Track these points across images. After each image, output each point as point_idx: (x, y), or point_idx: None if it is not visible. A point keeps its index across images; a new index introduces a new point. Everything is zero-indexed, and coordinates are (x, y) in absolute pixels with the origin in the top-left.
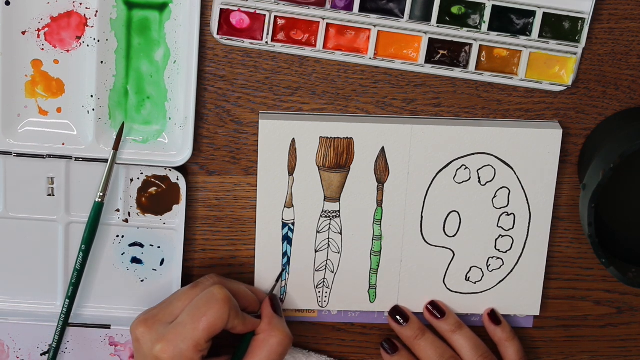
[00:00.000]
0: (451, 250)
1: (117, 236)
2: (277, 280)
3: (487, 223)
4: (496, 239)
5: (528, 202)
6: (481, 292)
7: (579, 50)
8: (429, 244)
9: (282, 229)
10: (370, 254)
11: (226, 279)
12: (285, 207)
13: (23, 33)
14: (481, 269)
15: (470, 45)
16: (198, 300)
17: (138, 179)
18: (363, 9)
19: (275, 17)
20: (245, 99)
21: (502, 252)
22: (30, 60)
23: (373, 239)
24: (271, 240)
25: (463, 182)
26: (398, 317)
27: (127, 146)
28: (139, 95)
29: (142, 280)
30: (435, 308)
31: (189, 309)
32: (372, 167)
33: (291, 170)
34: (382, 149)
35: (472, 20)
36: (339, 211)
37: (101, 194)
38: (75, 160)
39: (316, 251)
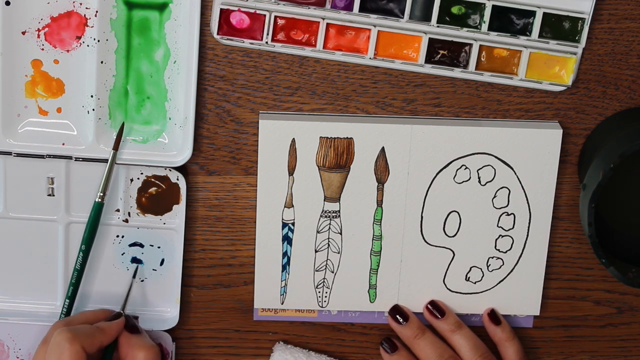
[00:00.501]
0: (451, 250)
1: (117, 236)
2: (126, 298)
3: (487, 223)
4: (496, 239)
5: (528, 202)
6: (481, 292)
7: (579, 50)
8: (429, 244)
9: (282, 229)
10: (370, 254)
11: (68, 318)
12: (285, 207)
13: (23, 33)
14: (481, 269)
15: (470, 45)
16: (49, 355)
17: (138, 179)
18: (363, 9)
19: (275, 17)
20: (245, 99)
21: (502, 252)
22: (30, 60)
23: (373, 239)
24: (271, 240)
25: (463, 182)
26: (398, 316)
27: (127, 146)
28: (139, 95)
29: (142, 281)
30: (435, 308)
31: None
32: (372, 167)
33: (291, 170)
34: (382, 149)
35: (472, 20)
36: (339, 211)
37: (101, 194)
38: (75, 160)
39: (316, 251)
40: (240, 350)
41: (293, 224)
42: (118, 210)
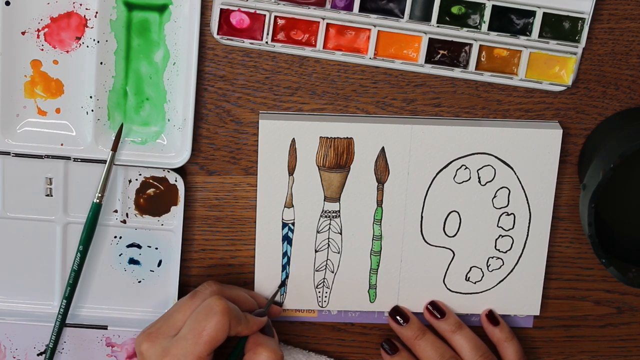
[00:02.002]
0: (451, 250)
1: (115, 237)
2: (278, 289)
3: (487, 223)
4: (496, 239)
5: (528, 202)
6: (481, 292)
7: (579, 50)
8: (429, 244)
9: (282, 229)
10: (370, 254)
11: (225, 286)
12: (285, 207)
13: (23, 33)
14: (481, 269)
15: (470, 45)
16: (197, 313)
17: (136, 180)
18: (363, 9)
19: (275, 17)
20: (245, 99)
21: (502, 252)
22: (29, 60)
23: (373, 239)
24: (271, 240)
25: (463, 182)
26: (398, 317)
27: (126, 147)
28: (138, 97)
29: (139, 282)
30: (436, 308)
31: (190, 323)
32: (372, 167)
33: (291, 170)
34: (382, 149)
35: (472, 20)
36: (339, 211)
37: (99, 195)
38: (74, 160)
39: (316, 251)
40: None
41: (293, 224)
42: (116, 211)
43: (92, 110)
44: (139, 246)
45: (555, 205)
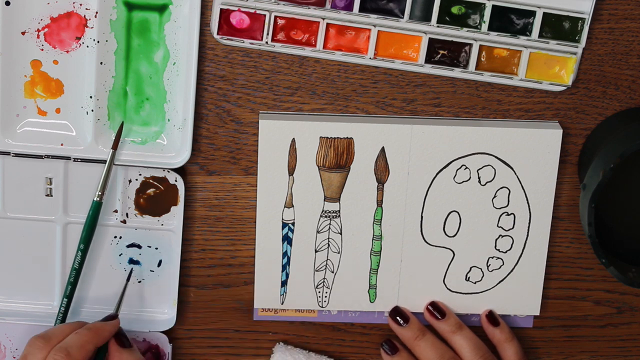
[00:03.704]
0: (451, 250)
1: (115, 237)
2: (119, 300)
3: (487, 223)
4: (496, 239)
5: (528, 202)
6: (481, 292)
7: (579, 50)
8: (429, 244)
9: (282, 229)
10: (370, 254)
11: (46, 333)
12: (285, 207)
13: (23, 33)
14: (481, 269)
15: (470, 45)
16: None
17: (136, 180)
18: (363, 9)
19: (275, 17)
20: (245, 99)
21: (502, 252)
22: (29, 60)
23: (373, 239)
24: (271, 240)
25: (463, 182)
26: (398, 317)
27: (126, 147)
28: (138, 97)
29: (139, 282)
30: (436, 309)
31: None
32: (372, 167)
33: (291, 170)
34: (382, 149)
35: (472, 20)
36: (339, 211)
37: (99, 193)
38: (74, 160)
39: (316, 251)
40: (240, 350)
41: (293, 224)
42: (116, 211)
43: (92, 110)
44: (139, 246)
45: (555, 205)
